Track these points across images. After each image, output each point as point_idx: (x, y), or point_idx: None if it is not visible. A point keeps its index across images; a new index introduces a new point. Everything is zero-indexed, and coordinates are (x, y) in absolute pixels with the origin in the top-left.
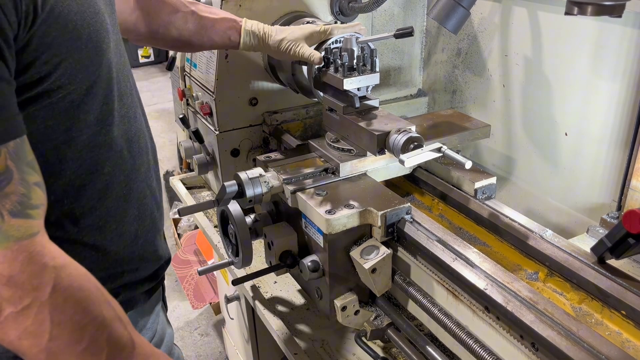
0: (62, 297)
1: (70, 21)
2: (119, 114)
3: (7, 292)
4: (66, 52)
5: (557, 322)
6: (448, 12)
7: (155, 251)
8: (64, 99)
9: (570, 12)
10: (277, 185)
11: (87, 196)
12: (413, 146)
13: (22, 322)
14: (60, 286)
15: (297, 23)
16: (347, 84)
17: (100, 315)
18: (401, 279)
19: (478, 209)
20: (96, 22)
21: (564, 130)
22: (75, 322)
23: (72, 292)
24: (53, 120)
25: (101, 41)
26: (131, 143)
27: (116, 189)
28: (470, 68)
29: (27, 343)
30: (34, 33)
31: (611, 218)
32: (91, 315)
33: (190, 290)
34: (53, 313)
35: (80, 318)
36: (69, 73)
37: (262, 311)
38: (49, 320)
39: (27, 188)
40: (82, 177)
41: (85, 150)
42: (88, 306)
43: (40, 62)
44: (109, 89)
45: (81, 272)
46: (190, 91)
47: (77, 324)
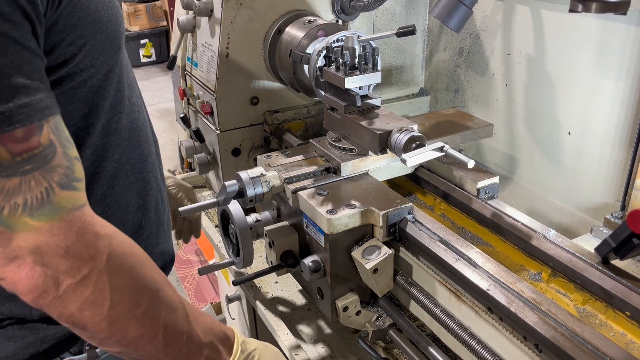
0: (118, 263)
1: (92, 2)
2: (129, 102)
3: (65, 263)
4: (90, 34)
5: (561, 323)
6: (450, 10)
7: (158, 244)
8: (85, 84)
9: (575, 9)
10: (278, 185)
11: (99, 184)
12: (415, 145)
13: (82, 292)
14: (115, 253)
15: (298, 22)
16: (348, 82)
17: (152, 278)
18: (403, 279)
19: (481, 209)
20: (113, 5)
21: (567, 129)
22: (132, 287)
23: (126, 258)
24: (73, 105)
25: (119, 25)
26: (139, 132)
27: (123, 178)
28: (472, 67)
29: (88, 313)
30: (61, 12)
31: (615, 218)
32: (146, 279)
33: (191, 290)
34: (112, 280)
35: (137, 283)
36: (91, 56)
37: (263, 311)
38: (108, 288)
39: (70, 161)
40: (95, 164)
41: (99, 137)
42: (142, 270)
43: (65, 43)
44: (122, 76)
45: (129, 240)
46: (191, 90)
47: (134, 288)
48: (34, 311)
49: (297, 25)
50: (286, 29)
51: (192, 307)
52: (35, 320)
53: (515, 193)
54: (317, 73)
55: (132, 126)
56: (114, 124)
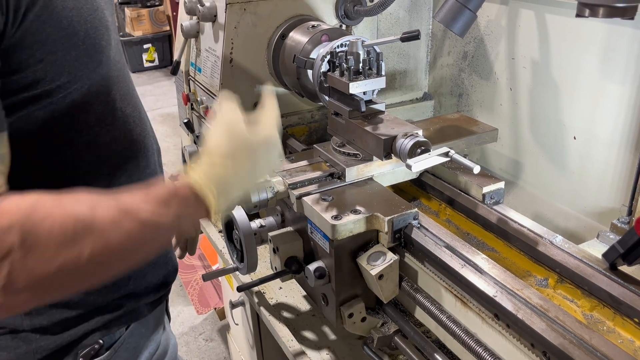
0: (32, 243)
1: (65, 17)
2: (122, 114)
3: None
4: (62, 50)
5: (569, 330)
6: (454, 15)
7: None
8: (64, 99)
9: (582, 14)
10: (282, 191)
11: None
12: (420, 151)
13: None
14: (27, 235)
15: (301, 27)
16: (352, 88)
17: (76, 225)
18: (408, 285)
19: (486, 214)
20: (94, 18)
21: (573, 133)
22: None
23: (40, 233)
24: (53, 121)
25: (100, 38)
26: (135, 143)
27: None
28: (476, 71)
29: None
30: (27, 29)
31: (622, 223)
32: (68, 232)
33: (194, 296)
34: (29, 263)
35: (56, 247)
36: (67, 72)
37: (267, 317)
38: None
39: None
40: (83, 179)
41: (86, 151)
42: (62, 227)
43: (34, 59)
44: (110, 88)
45: (47, 210)
46: (194, 95)
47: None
48: (26, 321)
49: (301, 30)
50: (290, 34)
51: (137, 196)
52: (28, 331)
53: (521, 198)
54: (321, 78)
55: (126, 138)
56: (103, 137)
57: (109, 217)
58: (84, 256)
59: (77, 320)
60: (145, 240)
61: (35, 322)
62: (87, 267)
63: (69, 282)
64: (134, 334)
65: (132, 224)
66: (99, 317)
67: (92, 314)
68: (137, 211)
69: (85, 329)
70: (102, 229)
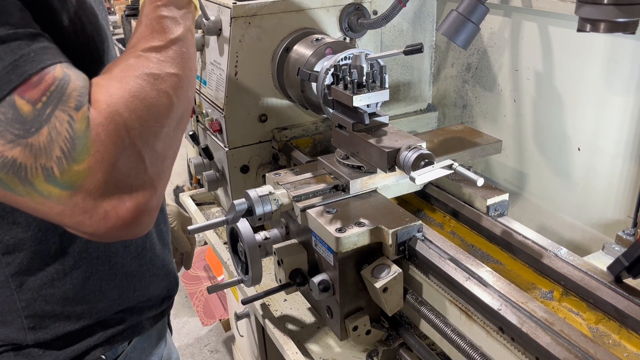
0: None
1: (74, 14)
2: None
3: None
4: (71, 45)
5: (574, 344)
6: (457, 27)
7: (163, 265)
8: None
9: (583, 29)
10: (286, 203)
11: None
12: (424, 163)
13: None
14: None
15: (305, 40)
16: (356, 100)
17: (144, 81)
18: (413, 298)
19: (490, 226)
20: (96, 22)
21: (577, 145)
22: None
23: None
24: None
25: (101, 43)
26: None
27: None
28: (480, 83)
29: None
30: (40, 16)
31: (627, 235)
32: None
33: (200, 307)
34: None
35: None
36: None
37: (272, 330)
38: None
39: (84, 80)
40: None
41: None
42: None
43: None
44: None
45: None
46: (200, 108)
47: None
48: (29, 336)
49: (305, 43)
50: (294, 47)
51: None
52: (31, 346)
53: (525, 209)
54: (325, 91)
55: None
56: None
57: (153, 60)
58: (168, 98)
59: (80, 335)
60: (184, 56)
61: (39, 337)
62: (175, 107)
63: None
64: (136, 349)
65: (170, 52)
66: (101, 332)
67: (94, 328)
68: (161, 44)
69: (87, 344)
70: (159, 70)
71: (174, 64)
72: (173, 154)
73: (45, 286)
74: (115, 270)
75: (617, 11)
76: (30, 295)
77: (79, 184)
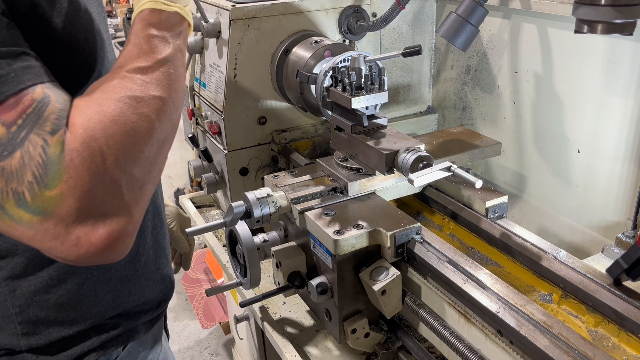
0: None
1: (66, 22)
2: None
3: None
4: (65, 53)
5: (573, 347)
6: (456, 29)
7: (158, 269)
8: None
9: (580, 30)
10: (285, 205)
11: None
12: (422, 165)
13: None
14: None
15: (305, 42)
16: (355, 102)
17: (125, 107)
18: (412, 300)
19: (489, 229)
20: (92, 29)
21: (577, 147)
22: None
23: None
24: None
25: (98, 48)
26: None
27: None
28: (480, 85)
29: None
30: (32, 27)
31: (627, 237)
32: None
33: (199, 310)
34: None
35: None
36: (72, 77)
37: (271, 332)
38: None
39: (64, 103)
40: None
41: None
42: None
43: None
44: None
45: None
46: (199, 110)
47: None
48: (23, 341)
49: (304, 45)
50: (293, 50)
51: (133, 53)
52: (25, 351)
53: (525, 211)
54: (323, 93)
55: None
56: None
57: (137, 82)
58: (149, 122)
59: (74, 340)
60: (171, 78)
61: (33, 342)
62: (157, 131)
63: (156, 145)
64: (131, 354)
65: (156, 74)
66: (95, 337)
67: (88, 333)
68: (147, 64)
69: (82, 349)
70: (142, 93)
71: (159, 86)
72: (154, 178)
73: (39, 292)
74: (109, 275)
75: (615, 12)
76: (24, 300)
77: (51, 210)
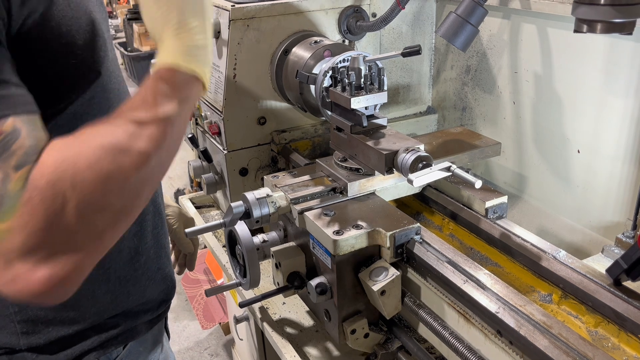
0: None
1: (64, 25)
2: None
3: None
4: (62, 57)
5: (572, 348)
6: (456, 29)
7: (159, 269)
8: (65, 109)
9: (580, 30)
10: (284, 206)
11: None
12: (421, 165)
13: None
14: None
15: (304, 42)
16: (354, 103)
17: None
18: (411, 301)
19: (489, 229)
20: (92, 29)
21: (577, 147)
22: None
23: (62, 182)
24: (54, 132)
25: (98, 49)
26: None
27: None
28: (479, 85)
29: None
30: (27, 36)
31: (627, 237)
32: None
33: (199, 310)
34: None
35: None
36: (68, 81)
37: (271, 333)
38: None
39: (35, 140)
40: None
41: None
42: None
43: (35, 66)
44: (111, 101)
45: (57, 156)
46: (199, 111)
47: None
48: (22, 340)
49: (304, 45)
50: (293, 50)
51: (136, 103)
52: (24, 350)
53: (525, 211)
54: (323, 93)
55: None
56: None
57: (128, 132)
58: (126, 175)
59: (74, 340)
60: (166, 138)
61: (32, 341)
62: (132, 185)
63: (123, 205)
64: (131, 353)
65: (150, 129)
66: (95, 337)
67: (88, 332)
68: (145, 118)
69: (81, 348)
70: (128, 145)
71: (150, 142)
72: (119, 228)
73: None
74: (108, 275)
75: (614, 11)
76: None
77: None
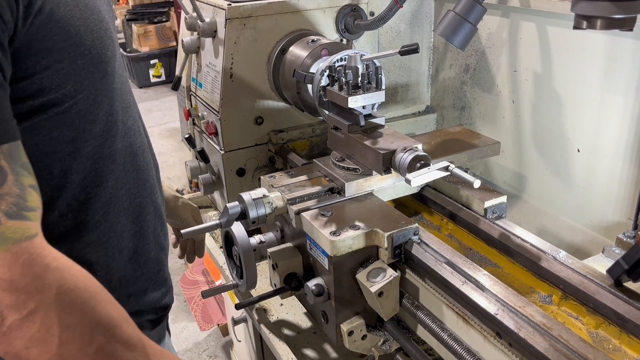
0: (69, 298)
1: (72, 26)
2: (124, 126)
3: (9, 298)
4: (69, 58)
5: (573, 350)
6: (454, 28)
7: (159, 271)
8: (70, 109)
9: (579, 26)
10: (281, 206)
11: (92, 210)
12: (419, 165)
13: (28, 328)
14: (66, 287)
15: (301, 41)
16: (351, 102)
17: (108, 315)
18: (409, 302)
19: (488, 229)
20: (100, 29)
21: (577, 146)
22: (85, 323)
23: (79, 293)
24: (59, 131)
25: (105, 49)
26: (135, 156)
27: (117, 203)
28: (478, 84)
29: (35, 351)
30: (34, 36)
31: (627, 237)
32: (100, 315)
33: (198, 312)
34: (61, 316)
35: (90, 319)
36: (74, 80)
37: (268, 335)
38: (57, 324)
39: (22, 189)
40: (86, 191)
41: (90, 162)
42: (96, 306)
43: (41, 67)
44: (114, 100)
45: (84, 273)
46: (196, 111)
47: (87, 325)
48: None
49: (301, 44)
50: (290, 49)
51: (155, 347)
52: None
53: (525, 211)
54: (320, 92)
55: (127, 150)
56: (107, 149)
57: (131, 339)
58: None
59: None
60: None
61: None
62: (96, 358)
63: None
64: None
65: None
66: None
67: None
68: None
69: None
70: (124, 339)
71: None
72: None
73: None
74: (110, 275)
75: (614, 7)
76: None
77: None
